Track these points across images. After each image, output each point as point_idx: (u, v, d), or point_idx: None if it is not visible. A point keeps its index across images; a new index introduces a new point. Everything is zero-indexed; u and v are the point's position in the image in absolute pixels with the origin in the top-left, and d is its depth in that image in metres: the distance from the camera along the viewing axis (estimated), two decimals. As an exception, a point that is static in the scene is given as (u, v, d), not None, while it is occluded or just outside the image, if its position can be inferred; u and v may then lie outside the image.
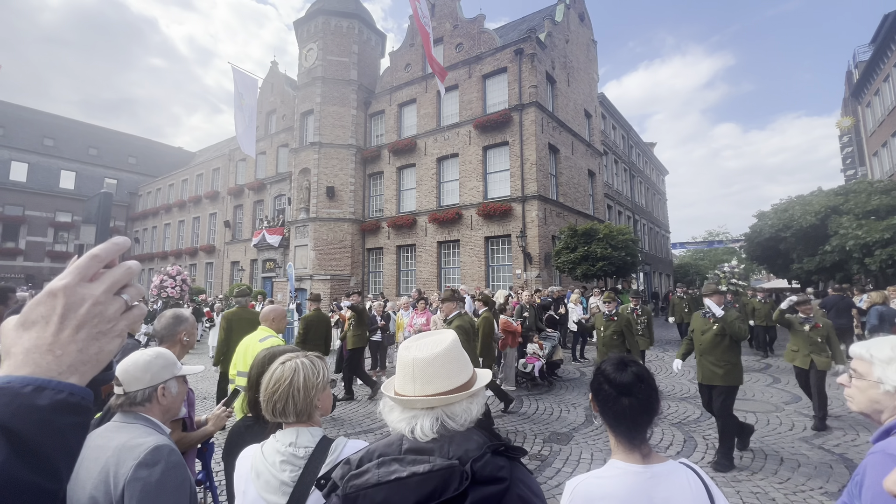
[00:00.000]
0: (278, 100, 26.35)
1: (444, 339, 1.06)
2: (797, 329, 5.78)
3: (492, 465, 0.90)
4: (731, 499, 3.76)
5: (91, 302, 0.50)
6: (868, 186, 12.20)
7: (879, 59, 21.58)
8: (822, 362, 5.54)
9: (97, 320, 0.50)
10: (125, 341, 0.57)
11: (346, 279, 20.63)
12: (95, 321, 0.50)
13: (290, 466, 1.23)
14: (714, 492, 1.23)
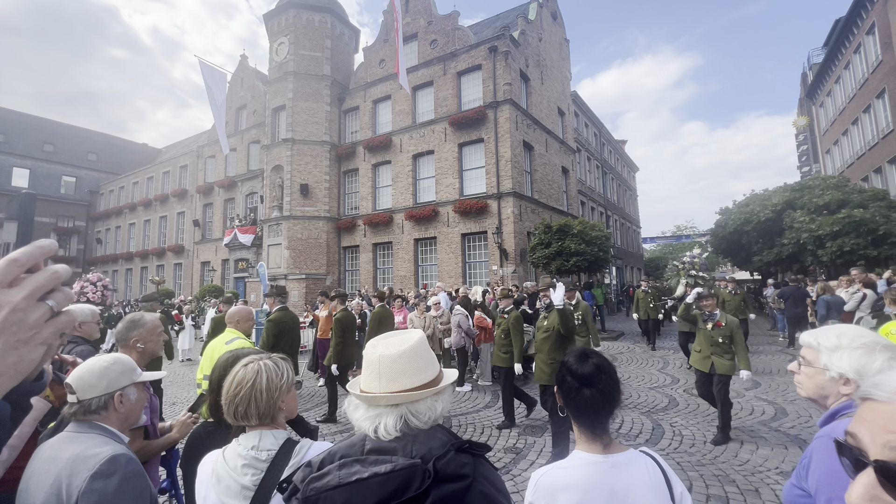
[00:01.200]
0: (249, 95, 25.62)
1: (411, 337, 1.07)
2: (700, 327, 5.22)
3: (455, 463, 0.90)
4: (696, 482, 3.94)
5: (8, 309, 0.47)
6: (821, 182, 12.94)
7: (831, 61, 22.78)
8: (722, 365, 4.88)
9: (16, 328, 0.48)
10: (58, 348, 0.55)
11: (322, 278, 20.34)
12: (13, 329, 0.47)
13: (251, 470, 1.21)
14: (671, 478, 1.28)
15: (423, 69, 19.19)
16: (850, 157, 21.29)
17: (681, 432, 5.18)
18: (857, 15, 18.75)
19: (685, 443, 4.85)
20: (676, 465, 4.31)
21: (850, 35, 19.91)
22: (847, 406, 1.35)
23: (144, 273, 31.29)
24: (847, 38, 20.31)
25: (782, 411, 5.81)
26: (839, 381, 1.30)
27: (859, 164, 19.92)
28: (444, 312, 8.46)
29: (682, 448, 4.72)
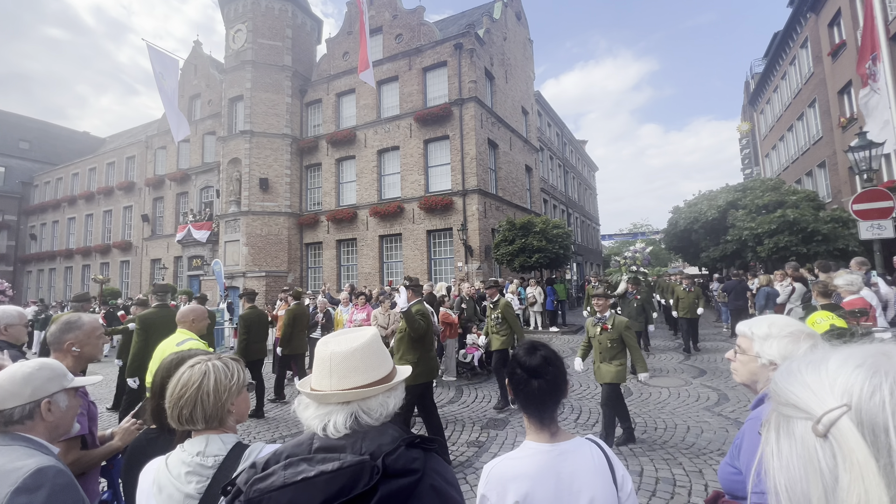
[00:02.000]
0: (203, 83, 24.34)
1: (364, 334, 1.07)
2: (589, 329, 4.84)
3: (405, 458, 0.91)
4: (646, 466, 4.16)
5: None
6: (760, 184, 13.98)
7: (770, 72, 24.51)
8: (608, 373, 4.51)
9: None
10: None
11: (283, 276, 19.73)
12: None
13: (196, 477, 1.16)
14: (614, 462, 1.36)
15: (388, 63, 18.95)
16: (786, 160, 23.04)
17: (634, 420, 5.44)
18: (793, 29, 20.26)
19: (638, 429, 5.10)
20: (629, 450, 4.54)
21: (787, 48, 21.50)
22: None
23: (86, 272, 29.13)
24: (784, 51, 21.91)
25: (724, 397, 6.24)
26: (769, 368, 1.41)
27: (794, 168, 21.60)
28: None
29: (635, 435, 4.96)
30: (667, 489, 3.71)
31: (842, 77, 15.43)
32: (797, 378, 0.46)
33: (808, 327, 1.47)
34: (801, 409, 0.44)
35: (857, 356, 0.44)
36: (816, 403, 0.43)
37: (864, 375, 0.42)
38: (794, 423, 0.44)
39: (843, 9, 15.05)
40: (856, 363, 0.43)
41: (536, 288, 13.42)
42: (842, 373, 0.43)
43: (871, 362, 0.43)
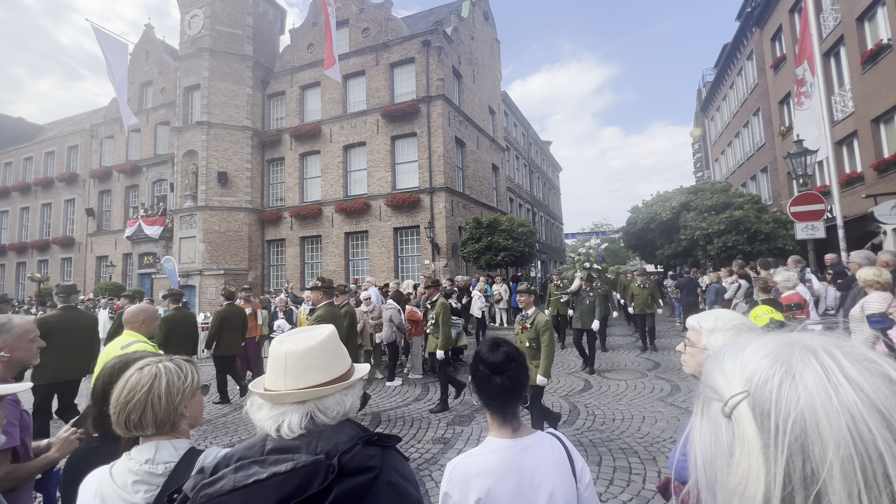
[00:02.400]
0: (155, 70, 22.97)
1: (320, 332, 1.05)
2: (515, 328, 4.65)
3: (361, 456, 0.90)
4: (604, 456, 4.33)
5: None
6: (710, 187, 14.87)
7: (720, 81, 26.02)
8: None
9: None
10: None
11: (243, 273, 19.01)
12: None
13: (145, 486, 1.10)
14: (573, 455, 1.40)
15: (354, 58, 18.61)
16: (733, 165, 24.56)
17: (593, 412, 5.65)
18: (740, 42, 21.60)
19: (597, 421, 5.30)
20: (589, 441, 4.71)
21: (735, 59, 22.89)
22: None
23: (22, 269, 26.85)
24: (732, 62, 23.31)
25: (677, 388, 6.58)
26: None
27: (740, 172, 23.07)
28: (376, 307, 8.37)
29: (594, 426, 5.15)
30: (623, 477, 3.88)
31: (782, 88, 16.61)
32: (719, 363, 0.51)
33: (749, 321, 1.57)
34: (717, 391, 0.49)
35: (768, 346, 0.49)
36: (727, 388, 0.48)
37: (765, 364, 0.46)
38: (712, 403, 0.49)
39: (783, 24, 16.19)
40: (764, 352, 0.48)
41: (502, 285, 13.64)
42: (751, 360, 0.48)
43: (776, 353, 0.47)
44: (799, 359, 0.45)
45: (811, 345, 0.46)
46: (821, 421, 0.41)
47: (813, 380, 0.43)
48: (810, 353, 0.45)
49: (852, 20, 11.90)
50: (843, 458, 0.39)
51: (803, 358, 0.45)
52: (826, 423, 0.41)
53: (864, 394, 0.41)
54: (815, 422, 0.41)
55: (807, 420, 0.41)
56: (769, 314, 4.31)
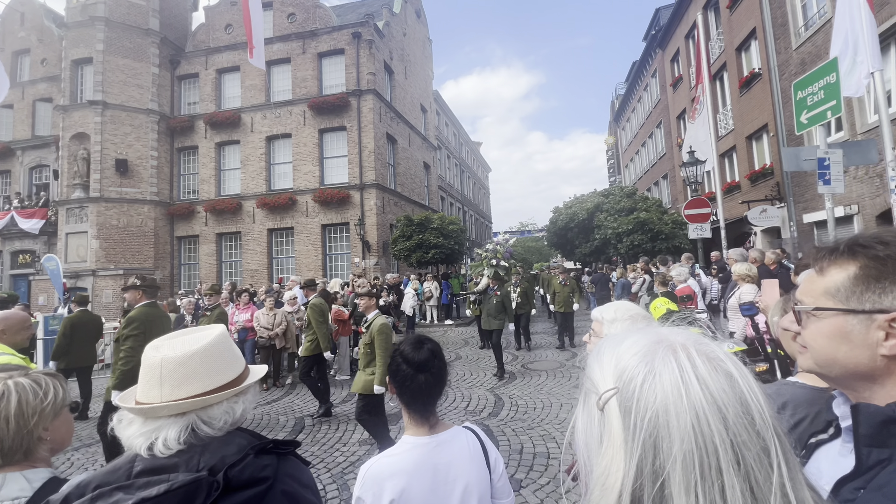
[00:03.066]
0: (34, 38, 19.71)
1: (207, 334, 0.95)
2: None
3: (253, 467, 0.83)
4: (525, 444, 4.59)
5: None
6: (620, 191, 16.43)
7: (630, 95, 28.68)
8: (358, 383, 4.09)
9: None
10: None
11: (148, 273, 17.07)
12: None
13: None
14: (488, 447, 1.42)
15: (279, 44, 17.56)
16: (640, 171, 27.23)
17: (517, 402, 5.95)
18: (647, 60, 23.98)
19: (520, 411, 5.58)
20: (512, 431, 4.95)
21: (642, 76, 25.36)
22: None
23: None
24: (640, 78, 25.81)
25: (590, 375, 7.16)
26: None
27: (645, 178, 25.65)
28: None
29: (517, 416, 5.42)
30: (542, 462, 4.14)
31: (679, 105, 18.74)
32: (599, 357, 0.55)
33: (644, 311, 1.75)
34: (594, 384, 0.52)
35: (640, 342, 0.52)
36: (602, 383, 0.51)
37: (633, 362, 0.49)
38: (590, 395, 0.53)
39: (681, 48, 18.26)
40: (634, 350, 0.51)
41: (433, 283, 13.79)
42: (624, 356, 0.51)
43: (645, 350, 0.50)
44: (661, 357, 0.48)
45: (674, 343, 0.50)
46: (671, 419, 0.45)
47: (669, 380, 0.46)
48: (671, 352, 0.49)
49: (733, 49, 13.79)
50: (685, 453, 0.43)
51: (664, 357, 0.48)
52: (675, 420, 0.44)
53: (710, 392, 0.45)
54: (666, 420, 0.45)
55: (660, 418, 0.45)
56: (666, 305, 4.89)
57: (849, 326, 0.64)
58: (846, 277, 0.66)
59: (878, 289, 0.63)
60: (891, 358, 0.62)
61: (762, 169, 12.50)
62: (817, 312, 0.68)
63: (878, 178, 8.19)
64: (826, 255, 0.70)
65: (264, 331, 7.04)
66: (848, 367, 0.65)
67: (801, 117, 5.50)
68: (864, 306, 0.64)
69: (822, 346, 0.67)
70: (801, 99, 5.47)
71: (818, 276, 0.71)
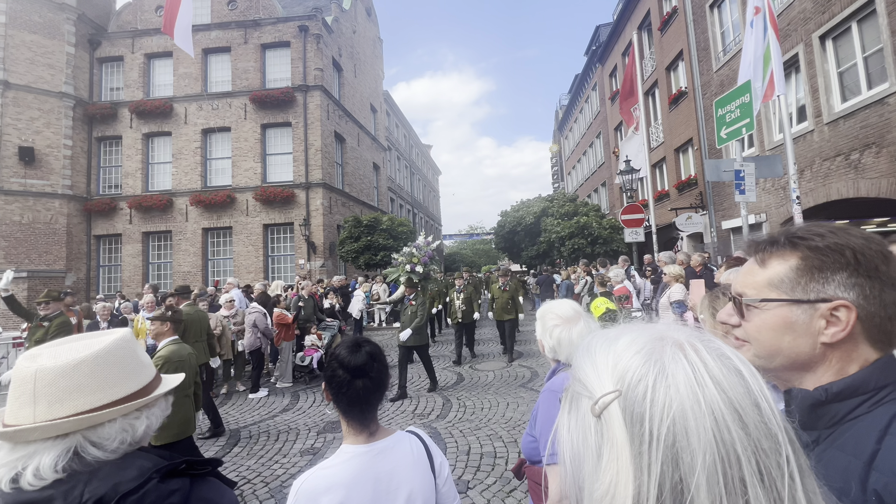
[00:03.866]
0: (-87, 2, 16.97)
1: (102, 340, 0.81)
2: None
3: (156, 494, 0.72)
4: (473, 445, 4.61)
5: None
6: (562, 197, 17.21)
7: (572, 106, 30.18)
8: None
9: None
10: None
11: (59, 276, 15.27)
12: None
13: None
14: (433, 452, 1.36)
15: (217, 31, 16.50)
16: (581, 179, 28.70)
17: (464, 403, 5.97)
18: (588, 74, 25.37)
19: (468, 412, 5.61)
20: (459, 432, 4.95)
21: (583, 88, 26.78)
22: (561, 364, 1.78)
23: None
24: (581, 90, 27.24)
25: (535, 374, 7.37)
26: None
27: (586, 185, 27.08)
28: (239, 311, 7.52)
29: (465, 417, 5.44)
30: (489, 462, 4.18)
31: (616, 117, 19.99)
32: (590, 356, 0.48)
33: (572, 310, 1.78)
34: (587, 387, 0.45)
35: (640, 339, 0.46)
36: (598, 385, 0.44)
37: (637, 362, 0.43)
38: (581, 399, 0.46)
39: (618, 65, 19.51)
40: (636, 347, 0.45)
41: (381, 285, 13.57)
42: (623, 356, 0.45)
43: (648, 348, 0.44)
44: (670, 355, 0.43)
45: (679, 339, 0.45)
46: (689, 426, 0.39)
47: (683, 380, 0.41)
48: (679, 350, 0.43)
49: (663, 68, 14.95)
50: (708, 465, 0.38)
51: (674, 354, 0.43)
52: (695, 427, 0.39)
53: (725, 393, 0.40)
54: (684, 427, 0.39)
55: (677, 426, 0.39)
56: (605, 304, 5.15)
57: (793, 316, 0.65)
58: (789, 268, 0.66)
59: (822, 278, 0.64)
60: (828, 346, 0.64)
61: (688, 179, 13.64)
62: (762, 304, 0.67)
63: (782, 190, 9.23)
64: (766, 246, 0.70)
65: (196, 337, 6.50)
66: (790, 357, 0.66)
67: (720, 132, 6.06)
68: (808, 296, 0.64)
69: (766, 338, 0.67)
70: (720, 116, 6.03)
71: (759, 268, 0.70)
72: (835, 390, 0.63)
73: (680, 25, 13.44)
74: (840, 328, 0.63)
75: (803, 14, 8.56)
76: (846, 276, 0.63)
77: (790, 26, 8.89)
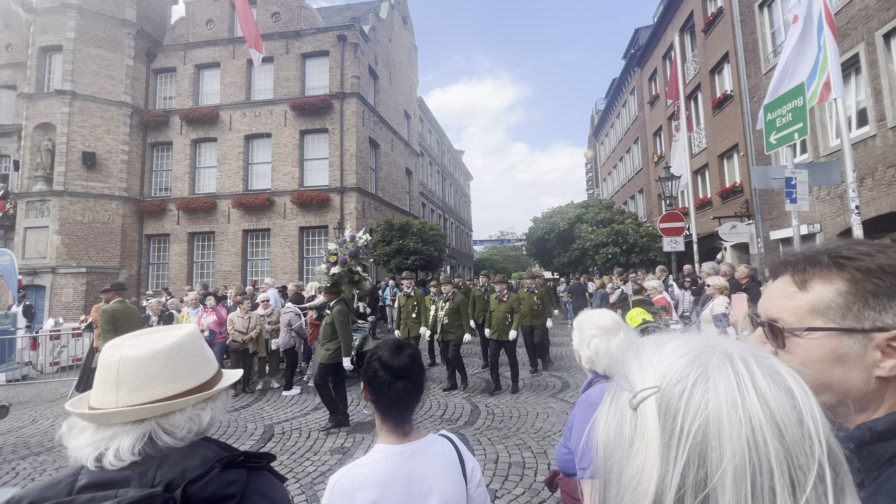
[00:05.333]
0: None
1: (174, 333, 0.87)
2: None
3: (217, 483, 0.76)
4: (501, 453, 4.54)
5: None
6: (598, 203, 16.80)
7: (609, 111, 29.49)
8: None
9: None
10: None
11: (114, 272, 16.34)
12: None
13: None
14: (465, 456, 1.38)
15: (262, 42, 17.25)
16: (617, 185, 27.93)
17: (493, 411, 5.91)
18: (625, 79, 24.74)
19: (496, 420, 5.54)
20: (488, 440, 4.90)
21: (621, 93, 26.13)
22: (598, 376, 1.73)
23: None
24: (619, 95, 26.58)
25: (567, 384, 7.20)
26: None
27: (622, 192, 26.32)
28: (275, 311, 7.79)
29: (493, 425, 5.38)
30: (517, 472, 4.11)
31: (656, 122, 19.37)
32: (637, 355, 0.50)
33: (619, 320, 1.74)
34: (629, 382, 0.48)
35: (688, 345, 0.48)
36: (639, 380, 0.47)
37: (680, 363, 0.46)
38: (622, 393, 0.49)
39: (658, 68, 18.92)
40: (682, 351, 0.47)
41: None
42: (668, 357, 0.47)
43: (694, 353, 0.46)
44: (716, 363, 0.44)
45: (729, 350, 0.46)
46: (723, 428, 0.41)
47: (724, 386, 0.42)
48: (727, 359, 0.44)
49: (707, 71, 14.37)
50: (736, 467, 0.39)
51: (720, 363, 0.44)
52: (728, 430, 0.40)
53: (768, 406, 0.41)
54: (717, 429, 0.41)
55: (710, 426, 0.41)
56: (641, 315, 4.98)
57: (845, 347, 0.59)
58: (836, 293, 0.60)
59: (878, 305, 0.58)
60: (883, 380, 0.58)
61: (732, 186, 13.00)
62: (807, 333, 0.61)
63: (839, 199, 8.63)
64: (805, 266, 0.63)
65: (238, 334, 6.79)
66: (840, 392, 0.60)
67: (769, 138, 5.74)
68: (863, 325, 0.58)
69: (813, 371, 0.61)
70: (770, 120, 5.71)
71: (799, 291, 0.63)
72: (879, 429, 0.57)
73: (726, 26, 12.90)
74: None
75: (865, 12, 8.02)
76: None
77: (849, 25, 8.34)
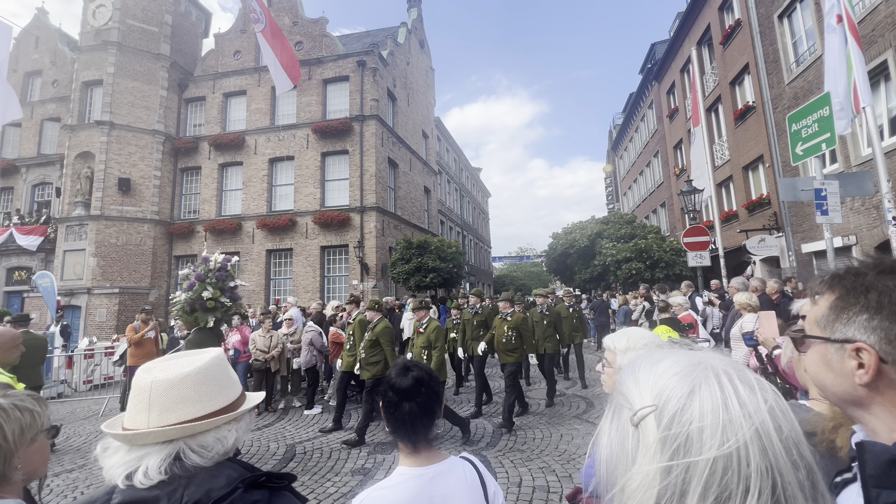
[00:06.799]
0: (47, 60, 20.26)
1: (201, 357, 0.91)
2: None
3: (241, 503, 0.79)
4: (524, 476, 4.42)
5: None
6: (620, 218, 16.54)
7: (627, 125, 29.31)
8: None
9: None
10: None
11: (144, 292, 16.94)
12: None
13: None
14: (487, 479, 1.36)
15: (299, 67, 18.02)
16: (638, 199, 27.50)
17: (515, 433, 5.77)
18: (643, 93, 24.63)
19: (518, 442, 5.41)
20: (510, 462, 4.78)
21: (639, 107, 25.99)
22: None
23: None
24: (637, 109, 26.44)
25: (591, 405, 6.99)
26: None
27: (644, 206, 25.88)
28: (297, 329, 7.90)
29: (516, 447, 5.25)
30: (541, 496, 3.98)
31: (676, 135, 19.12)
32: (634, 374, 0.55)
33: (658, 338, 1.69)
34: (629, 400, 0.52)
35: (680, 363, 0.52)
36: (638, 399, 0.51)
37: (674, 382, 0.50)
38: (622, 411, 0.53)
39: (676, 81, 18.79)
40: (675, 370, 0.52)
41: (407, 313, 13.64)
42: (663, 376, 0.51)
43: (686, 372, 0.51)
44: (702, 380, 0.49)
45: (715, 366, 0.50)
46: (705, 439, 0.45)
47: (710, 401, 0.47)
48: (713, 375, 0.49)
49: (727, 83, 14.18)
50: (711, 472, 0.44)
51: (706, 378, 0.49)
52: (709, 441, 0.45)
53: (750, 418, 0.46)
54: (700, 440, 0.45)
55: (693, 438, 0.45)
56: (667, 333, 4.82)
57: (829, 354, 0.66)
58: (827, 307, 0.68)
59: (845, 318, 0.65)
60: (870, 388, 0.62)
61: (759, 199, 12.63)
62: (806, 339, 0.71)
63: (874, 210, 8.26)
64: (819, 283, 0.73)
65: (260, 353, 6.90)
66: (836, 394, 0.67)
67: (796, 149, 5.59)
68: (835, 335, 0.66)
69: (813, 373, 0.70)
70: (795, 131, 5.57)
71: (812, 305, 0.73)
72: None
73: (745, 38, 12.77)
74: (864, 370, 0.62)
75: (891, 18, 7.82)
76: (866, 319, 0.63)
77: (875, 32, 8.14)
